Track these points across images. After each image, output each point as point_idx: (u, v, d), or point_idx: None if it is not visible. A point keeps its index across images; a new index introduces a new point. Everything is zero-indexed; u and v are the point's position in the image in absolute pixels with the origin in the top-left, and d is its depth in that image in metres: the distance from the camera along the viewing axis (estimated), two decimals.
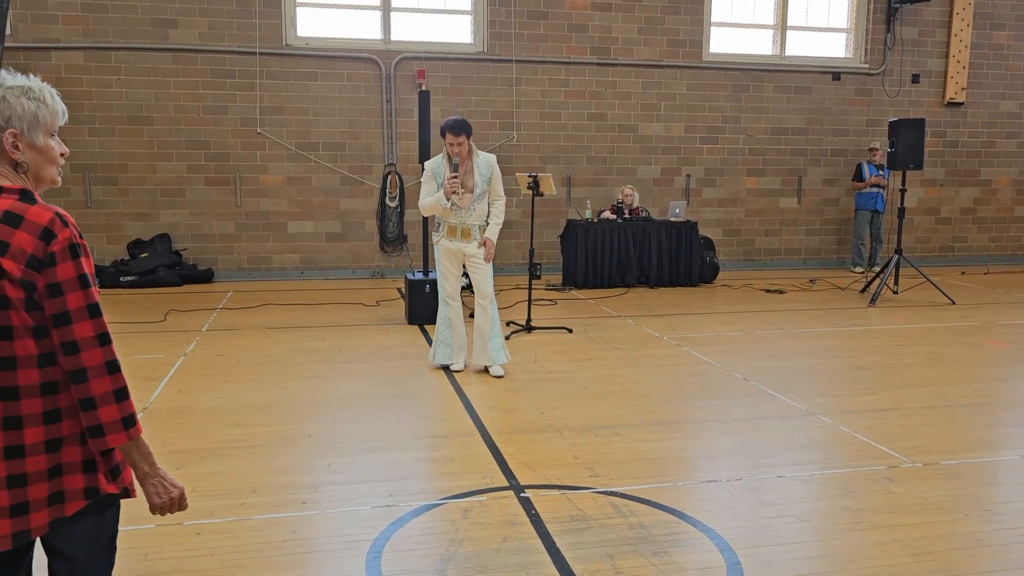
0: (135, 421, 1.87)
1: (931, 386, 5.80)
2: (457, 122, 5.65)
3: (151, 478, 1.95)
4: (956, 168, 12.41)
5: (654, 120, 11.31)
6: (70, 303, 1.79)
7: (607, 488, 3.94)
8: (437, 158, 5.88)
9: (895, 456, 4.41)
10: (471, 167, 5.76)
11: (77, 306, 1.79)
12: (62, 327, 1.79)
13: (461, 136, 5.65)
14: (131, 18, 9.76)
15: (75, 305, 1.79)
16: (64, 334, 1.79)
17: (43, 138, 1.90)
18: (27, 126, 1.86)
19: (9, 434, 1.80)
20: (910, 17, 11.79)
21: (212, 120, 10.13)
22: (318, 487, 3.94)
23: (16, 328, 1.77)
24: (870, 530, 3.52)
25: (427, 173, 5.88)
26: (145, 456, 1.93)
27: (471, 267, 5.93)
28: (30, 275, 1.76)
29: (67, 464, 1.87)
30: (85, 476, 1.89)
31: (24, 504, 1.82)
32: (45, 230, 1.78)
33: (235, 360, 6.36)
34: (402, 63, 10.49)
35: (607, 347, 6.91)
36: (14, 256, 1.75)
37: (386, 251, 10.78)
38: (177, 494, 2.00)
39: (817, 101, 11.76)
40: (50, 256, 1.77)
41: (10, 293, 1.75)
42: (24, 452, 1.81)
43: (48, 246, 1.77)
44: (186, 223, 10.24)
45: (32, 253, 1.76)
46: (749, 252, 11.91)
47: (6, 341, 1.77)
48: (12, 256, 1.75)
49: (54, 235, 1.78)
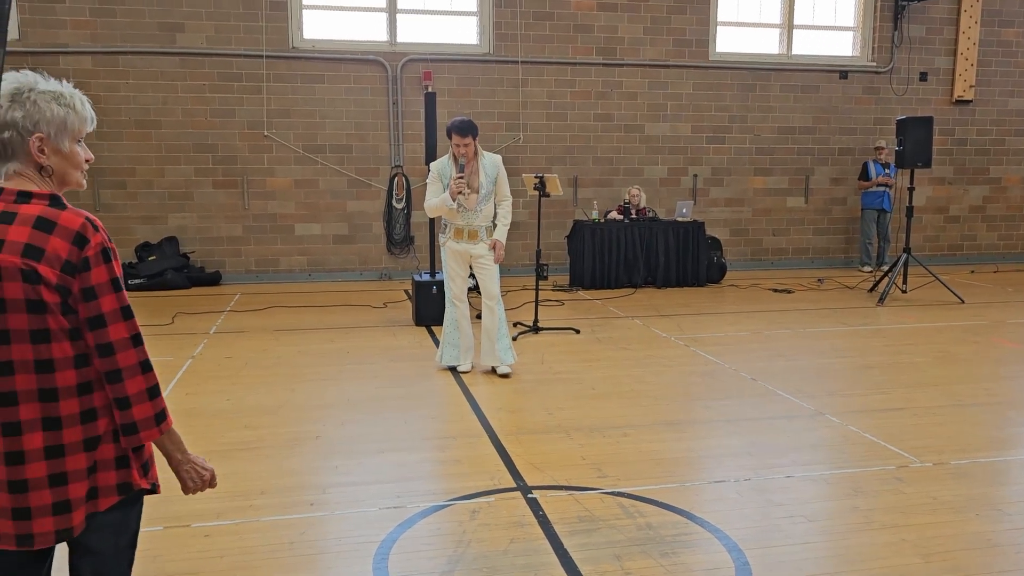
0: (166, 415, 1.93)
1: (941, 385, 5.77)
2: (464, 123, 5.65)
3: (184, 465, 2.03)
4: (965, 166, 12.35)
5: (660, 120, 11.29)
6: (104, 306, 1.83)
7: (615, 489, 3.93)
8: (443, 159, 5.88)
9: (905, 456, 4.38)
10: (477, 167, 5.77)
11: (111, 308, 1.84)
12: (97, 330, 1.83)
13: (468, 137, 5.65)
14: (138, 22, 9.81)
15: (109, 308, 1.83)
16: (99, 336, 1.83)
17: (69, 144, 1.93)
18: (55, 131, 1.89)
19: (49, 435, 1.84)
20: (917, 15, 11.74)
21: (219, 123, 10.16)
22: (326, 489, 3.94)
23: (53, 331, 1.81)
24: (880, 530, 3.50)
25: (433, 174, 5.88)
26: (177, 445, 2.00)
27: (478, 268, 5.93)
28: (65, 280, 1.79)
29: (101, 461, 1.91)
30: (118, 472, 1.94)
31: (67, 503, 1.87)
32: (78, 235, 1.81)
33: (243, 362, 6.38)
34: (408, 65, 10.50)
35: (614, 348, 6.90)
36: (50, 261, 1.78)
37: (393, 253, 10.80)
38: (208, 476, 2.09)
39: (824, 100, 11.72)
40: (84, 261, 1.81)
41: (47, 298, 1.79)
42: (64, 452, 1.85)
43: (82, 251, 1.81)
44: (194, 226, 10.28)
45: (67, 258, 1.80)
46: (756, 252, 11.88)
47: (44, 344, 1.81)
48: (48, 262, 1.78)
49: (87, 240, 1.82)
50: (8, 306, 1.78)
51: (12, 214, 1.81)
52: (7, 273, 1.77)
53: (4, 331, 1.78)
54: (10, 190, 1.84)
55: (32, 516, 1.84)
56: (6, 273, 1.77)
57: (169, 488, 3.86)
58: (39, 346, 1.80)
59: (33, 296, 1.78)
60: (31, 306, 1.78)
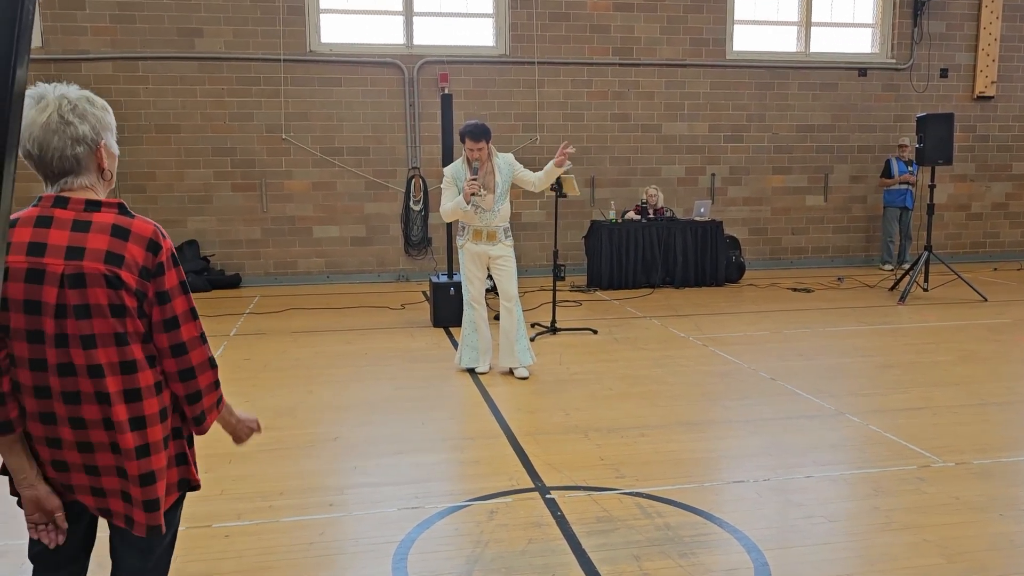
0: (222, 397, 2.09)
1: (963, 384, 5.71)
2: (477, 127, 5.66)
3: (239, 427, 2.23)
4: (987, 163, 12.20)
5: (678, 119, 11.25)
6: (177, 308, 1.93)
7: (633, 489, 3.92)
8: (456, 163, 5.89)
9: (926, 456, 4.34)
10: (491, 168, 5.78)
11: (183, 310, 1.94)
12: (172, 331, 1.92)
13: (481, 142, 5.67)
14: (158, 28, 9.90)
15: (181, 309, 1.94)
16: (174, 337, 1.93)
17: (115, 143, 2.01)
18: (109, 136, 1.97)
19: (137, 434, 1.91)
20: (937, 11, 11.62)
21: (238, 127, 10.24)
22: (344, 489, 3.96)
23: (130, 334, 1.88)
24: (901, 531, 3.47)
25: (447, 179, 5.89)
26: (231, 412, 2.18)
27: (495, 269, 5.94)
28: (143, 285, 1.87)
29: (170, 458, 2.00)
30: (179, 469, 2.03)
31: (156, 501, 1.95)
32: (151, 242, 1.89)
33: (262, 364, 6.42)
34: (425, 67, 10.53)
35: (632, 348, 6.88)
36: (129, 267, 1.86)
37: (410, 254, 10.83)
38: (256, 426, 2.28)
39: (843, 97, 11.63)
40: (158, 266, 1.89)
41: (128, 302, 1.86)
42: (150, 450, 1.93)
43: (156, 257, 1.89)
44: (213, 229, 10.36)
45: (143, 264, 1.87)
46: (776, 251, 11.80)
47: (125, 346, 1.88)
48: (127, 268, 1.86)
49: (160, 247, 1.90)
50: (93, 311, 1.84)
51: (87, 222, 1.87)
52: (92, 279, 1.83)
53: (91, 335, 1.85)
54: (77, 199, 1.89)
55: (133, 504, 1.93)
56: (91, 279, 1.83)
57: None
58: (123, 348, 1.88)
59: (116, 301, 1.85)
60: (114, 311, 1.85)
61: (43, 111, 1.86)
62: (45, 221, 1.86)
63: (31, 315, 1.83)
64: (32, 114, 1.86)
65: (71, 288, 1.82)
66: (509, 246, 5.94)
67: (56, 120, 1.87)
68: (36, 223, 1.86)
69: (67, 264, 1.82)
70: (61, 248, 1.83)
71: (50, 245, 1.83)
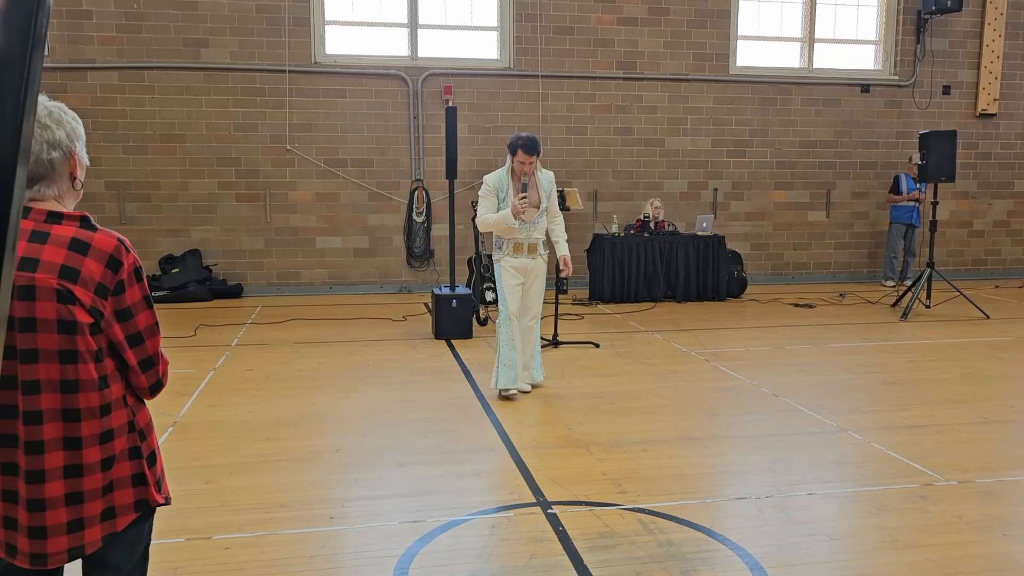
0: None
1: (966, 402, 5.70)
2: (531, 140, 5.53)
3: None
4: (989, 180, 12.22)
5: (680, 134, 11.28)
6: (140, 323, 1.92)
7: (635, 505, 3.91)
8: (498, 173, 5.70)
9: (929, 474, 4.33)
10: (535, 181, 5.68)
11: (147, 324, 1.93)
12: (137, 346, 1.91)
13: (533, 156, 5.54)
14: (164, 38, 9.95)
15: (144, 324, 1.93)
16: (139, 352, 1.93)
17: (85, 154, 1.98)
18: (80, 145, 1.95)
19: (69, 454, 1.86)
20: (940, 28, 11.67)
21: (243, 137, 10.28)
22: (346, 502, 3.95)
23: (81, 352, 1.84)
24: (904, 549, 3.46)
25: (488, 188, 5.68)
26: None
27: (530, 284, 5.77)
28: (98, 302, 1.83)
29: (118, 480, 1.94)
30: (135, 489, 1.97)
31: (80, 520, 1.88)
32: (111, 258, 1.85)
33: (264, 375, 6.42)
34: (429, 79, 10.58)
35: (634, 362, 6.87)
36: (84, 283, 1.81)
37: (413, 266, 10.84)
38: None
39: (846, 114, 11.66)
40: (119, 284, 1.86)
41: (80, 319, 1.82)
42: (83, 471, 1.87)
43: (116, 275, 1.85)
44: (217, 239, 10.38)
45: (100, 281, 1.83)
46: (777, 266, 11.81)
47: (71, 365, 1.83)
48: (83, 283, 1.81)
49: (120, 263, 1.86)
50: (39, 325, 1.80)
51: (45, 234, 1.83)
52: (42, 293, 1.79)
53: (33, 350, 1.80)
54: (39, 210, 1.85)
55: (47, 535, 1.86)
56: (41, 293, 1.79)
57: (190, 500, 3.89)
58: (66, 366, 1.83)
59: (67, 317, 1.80)
60: (62, 326, 1.81)
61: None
62: None
63: None
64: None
65: (19, 300, 1.77)
66: (545, 260, 5.84)
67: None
68: None
69: (18, 275, 1.77)
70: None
71: None
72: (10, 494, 1.84)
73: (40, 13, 0.84)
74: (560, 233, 5.89)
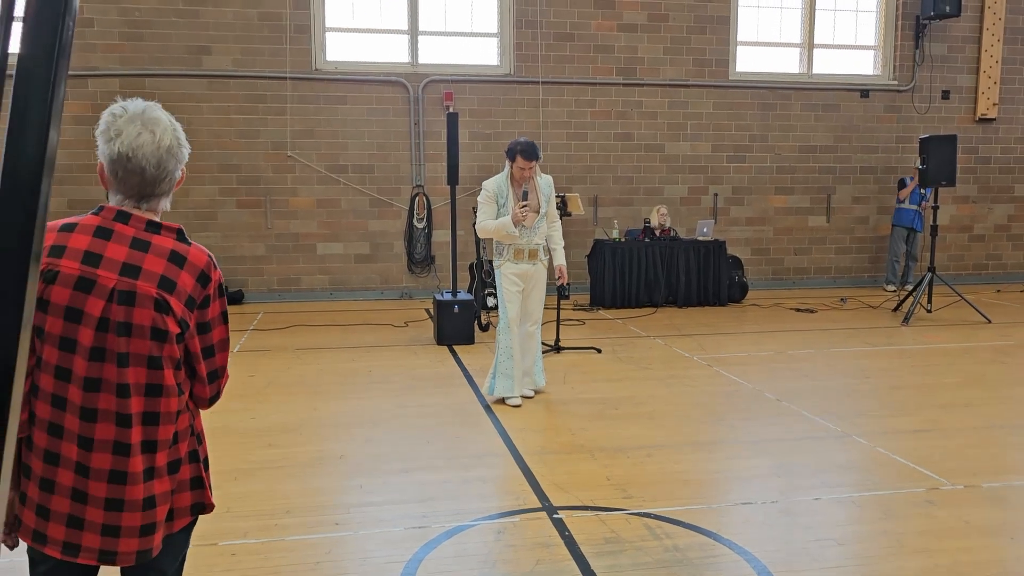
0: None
1: (971, 407, 5.69)
2: (531, 145, 5.50)
3: None
4: (989, 184, 12.24)
5: (680, 139, 11.29)
6: (215, 337, 1.99)
7: (640, 509, 3.90)
8: (498, 179, 5.66)
9: (935, 478, 4.32)
10: (534, 186, 5.65)
11: (220, 339, 2.01)
12: (209, 358, 1.97)
13: (533, 161, 5.52)
14: (167, 46, 9.97)
15: (219, 338, 2.00)
16: (210, 364, 1.99)
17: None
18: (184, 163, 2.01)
19: (147, 457, 1.89)
20: (939, 33, 11.70)
21: (244, 144, 10.28)
22: (350, 508, 3.94)
23: (165, 359, 1.88)
24: (913, 554, 3.45)
25: (488, 194, 5.62)
26: None
27: (530, 289, 5.75)
28: (186, 314, 1.89)
29: (180, 483, 1.98)
30: (192, 493, 2.01)
31: (152, 525, 1.92)
32: (202, 273, 1.92)
33: (266, 381, 6.41)
34: (430, 86, 10.59)
35: (637, 367, 6.87)
36: (178, 295, 1.88)
37: (414, 272, 10.84)
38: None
39: (845, 119, 11.68)
40: (205, 298, 1.93)
41: (171, 328, 1.87)
42: (154, 475, 1.91)
43: (204, 289, 1.92)
44: (218, 245, 10.37)
45: (190, 294, 1.89)
46: (778, 271, 11.81)
47: (158, 371, 1.88)
48: (177, 295, 1.87)
49: (209, 279, 1.93)
50: (135, 331, 1.84)
51: (147, 243, 1.87)
52: (142, 300, 1.83)
53: (125, 354, 1.84)
54: (139, 217, 1.89)
55: (120, 535, 1.88)
56: (140, 300, 1.83)
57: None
58: (153, 371, 1.87)
59: (160, 325, 1.85)
60: (155, 334, 1.86)
61: (164, 133, 1.88)
62: (105, 233, 1.85)
63: (70, 322, 1.81)
64: (146, 135, 1.85)
65: (119, 304, 1.82)
66: (545, 265, 5.83)
67: (175, 144, 1.90)
68: (95, 233, 1.84)
69: (120, 280, 1.82)
70: (117, 263, 1.82)
71: (106, 258, 1.83)
72: (80, 494, 1.85)
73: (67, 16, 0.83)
74: (558, 240, 5.88)
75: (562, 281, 5.90)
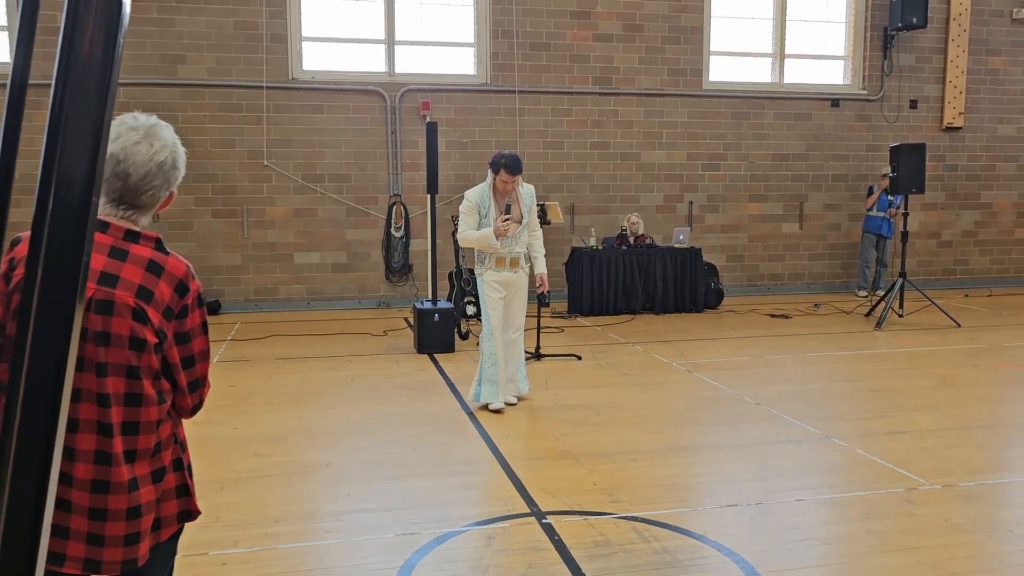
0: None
1: (944, 408, 5.82)
2: (515, 160, 5.51)
3: None
4: (956, 192, 12.51)
5: (656, 148, 11.42)
6: (195, 347, 1.99)
7: (628, 513, 3.94)
8: (480, 189, 5.68)
9: (913, 479, 4.42)
10: (516, 196, 5.68)
11: (200, 349, 2.00)
12: (188, 368, 1.97)
13: (517, 175, 5.54)
14: (141, 54, 9.89)
15: (199, 348, 2.00)
16: (190, 374, 1.99)
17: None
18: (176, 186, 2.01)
19: (130, 467, 1.89)
20: (906, 44, 11.96)
21: (220, 153, 10.22)
22: (341, 516, 3.94)
23: (143, 368, 1.88)
24: (896, 552, 3.52)
25: (470, 204, 5.65)
26: None
27: (512, 297, 5.79)
28: (164, 324, 1.89)
29: (165, 491, 1.97)
30: (179, 500, 2.01)
31: (137, 534, 1.91)
32: (180, 283, 1.91)
33: (247, 391, 6.37)
34: (407, 95, 10.61)
35: (617, 373, 6.93)
36: (156, 305, 1.87)
37: (391, 281, 10.83)
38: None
39: (817, 127, 11.89)
40: (183, 308, 1.92)
41: (149, 338, 1.87)
42: (139, 484, 1.91)
43: (182, 299, 1.91)
44: (194, 255, 10.27)
45: (168, 303, 1.89)
46: (753, 277, 11.96)
47: (136, 380, 1.88)
48: (154, 304, 1.87)
49: (188, 289, 1.92)
50: (112, 340, 1.84)
51: (125, 252, 1.87)
52: (119, 309, 1.83)
53: (104, 364, 1.84)
54: (117, 226, 1.89)
55: (105, 543, 1.88)
56: (118, 309, 1.83)
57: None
58: (132, 381, 1.87)
59: (138, 335, 1.85)
60: (133, 343, 1.85)
61: (163, 148, 1.89)
62: None
63: None
64: (143, 145, 1.87)
65: (96, 313, 1.82)
66: (527, 273, 5.87)
67: (169, 162, 1.91)
68: None
69: (98, 289, 1.82)
70: (95, 272, 1.83)
71: None
72: (63, 503, 1.85)
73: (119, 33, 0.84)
74: (539, 248, 5.93)
75: (543, 289, 5.95)
